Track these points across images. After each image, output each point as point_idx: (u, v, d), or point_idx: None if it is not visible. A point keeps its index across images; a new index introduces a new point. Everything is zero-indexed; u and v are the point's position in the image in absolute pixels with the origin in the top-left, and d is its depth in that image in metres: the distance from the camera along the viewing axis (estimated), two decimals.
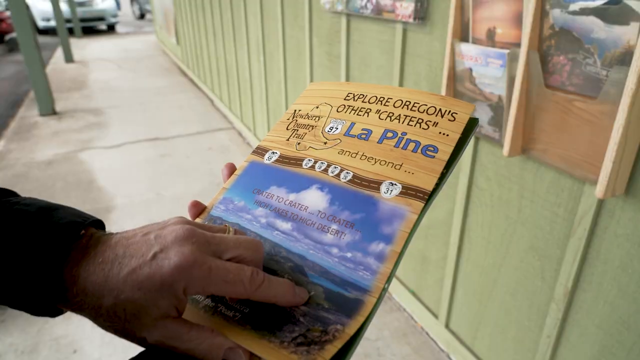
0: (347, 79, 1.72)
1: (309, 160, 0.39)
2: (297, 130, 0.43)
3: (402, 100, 0.40)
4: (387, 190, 0.35)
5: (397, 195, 0.34)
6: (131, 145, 3.30)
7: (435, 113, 0.37)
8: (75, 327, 1.61)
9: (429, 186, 0.34)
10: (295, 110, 0.45)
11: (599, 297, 0.91)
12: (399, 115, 0.39)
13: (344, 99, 0.43)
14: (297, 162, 0.40)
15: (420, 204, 0.33)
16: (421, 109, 0.38)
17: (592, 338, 0.95)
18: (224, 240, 0.30)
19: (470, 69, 1.06)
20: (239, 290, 0.29)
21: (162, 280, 0.27)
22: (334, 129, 0.41)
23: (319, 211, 0.35)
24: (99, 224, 0.33)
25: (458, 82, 1.12)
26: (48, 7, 8.02)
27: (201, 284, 0.28)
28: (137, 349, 0.29)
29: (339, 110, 0.42)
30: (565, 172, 0.92)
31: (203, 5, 3.87)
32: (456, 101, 0.38)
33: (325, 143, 0.40)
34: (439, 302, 1.46)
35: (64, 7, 7.51)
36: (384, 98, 0.41)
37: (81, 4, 9.00)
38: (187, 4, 4.53)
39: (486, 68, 1.02)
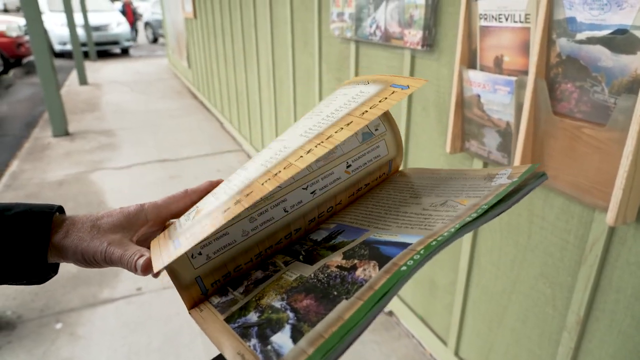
0: None
1: None
2: None
3: None
4: None
5: None
6: (141, 167, 3.34)
7: None
8: (80, 349, 1.60)
9: None
10: None
11: (613, 326, 0.90)
12: None
13: None
14: None
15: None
16: None
17: None
18: None
19: (479, 96, 1.07)
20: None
21: (129, 212, 0.45)
22: None
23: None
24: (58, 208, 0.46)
25: (466, 108, 1.13)
26: (65, 32, 8.24)
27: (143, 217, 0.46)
28: None
29: None
30: (574, 199, 0.92)
31: (215, 30, 3.96)
32: None
33: None
34: (448, 329, 1.44)
35: (80, 31, 7.72)
36: None
37: (97, 29, 9.26)
38: (199, 29, 4.64)
39: (494, 95, 1.03)
